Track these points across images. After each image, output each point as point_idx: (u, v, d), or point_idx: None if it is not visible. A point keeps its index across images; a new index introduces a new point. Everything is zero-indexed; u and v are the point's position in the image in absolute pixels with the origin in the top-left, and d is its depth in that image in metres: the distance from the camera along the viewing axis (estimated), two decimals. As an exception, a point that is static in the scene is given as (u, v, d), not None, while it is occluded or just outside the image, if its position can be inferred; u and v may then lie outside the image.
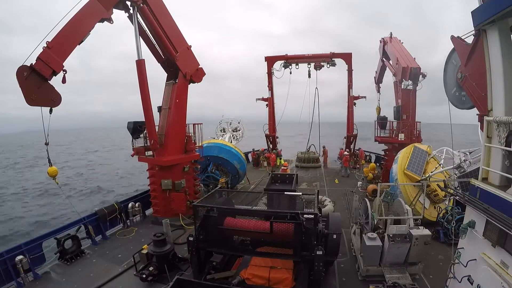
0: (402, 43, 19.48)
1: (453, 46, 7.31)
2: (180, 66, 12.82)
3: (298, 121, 28.88)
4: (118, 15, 10.95)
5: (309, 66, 26.46)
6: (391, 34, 20.23)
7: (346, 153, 23.07)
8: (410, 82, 17.38)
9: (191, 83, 13.59)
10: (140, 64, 11.37)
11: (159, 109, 13.64)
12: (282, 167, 20.83)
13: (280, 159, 26.55)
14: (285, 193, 9.21)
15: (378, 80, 23.32)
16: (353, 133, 25.18)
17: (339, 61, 25.73)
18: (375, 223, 9.02)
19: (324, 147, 27.43)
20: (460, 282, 5.98)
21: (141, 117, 12.24)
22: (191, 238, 7.85)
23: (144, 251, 9.49)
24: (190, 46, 13.23)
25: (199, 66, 13.66)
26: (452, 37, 7.12)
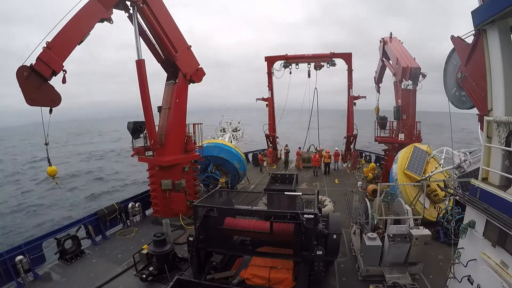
0: (402, 43, 19.49)
1: (453, 46, 7.32)
2: (180, 66, 12.82)
3: (300, 109, 28.78)
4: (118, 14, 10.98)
5: (309, 66, 26.45)
6: (391, 34, 20.23)
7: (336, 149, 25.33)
8: (410, 82, 17.39)
9: (191, 83, 13.60)
10: (140, 64, 11.37)
11: (159, 109, 13.65)
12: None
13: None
14: (285, 193, 9.22)
15: (378, 80, 23.30)
16: (353, 133, 25.16)
17: (339, 62, 25.71)
18: (375, 223, 9.02)
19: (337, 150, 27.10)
20: (460, 282, 5.98)
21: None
22: (191, 238, 7.86)
23: (144, 251, 9.50)
24: (190, 46, 13.23)
25: (199, 66, 13.66)
26: (452, 37, 7.12)
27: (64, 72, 9.16)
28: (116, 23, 10.57)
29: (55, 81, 9.15)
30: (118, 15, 10.71)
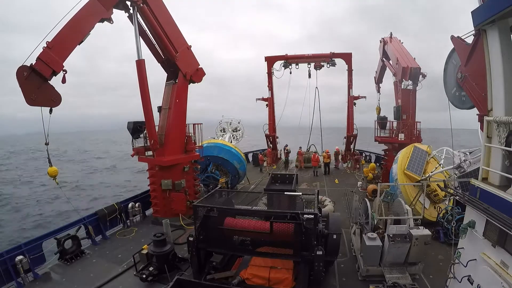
0: (402, 43, 19.49)
1: (453, 46, 7.32)
2: (180, 66, 12.82)
3: (298, 124, 28.95)
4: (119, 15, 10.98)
5: (309, 66, 26.49)
6: (391, 34, 20.24)
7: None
8: (410, 82, 17.40)
9: (191, 83, 13.60)
10: (140, 64, 11.37)
11: (159, 109, 13.65)
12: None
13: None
14: (285, 193, 9.22)
15: (378, 80, 23.34)
16: (353, 133, 25.17)
17: (339, 62, 25.73)
18: (375, 223, 9.02)
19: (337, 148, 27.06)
20: (460, 282, 5.98)
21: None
22: (191, 238, 7.86)
23: (144, 251, 9.50)
24: (190, 46, 13.23)
25: (199, 66, 13.67)
26: (452, 37, 7.12)
27: (64, 72, 9.16)
28: (117, 33, 10.58)
29: (55, 82, 9.17)
30: (119, 28, 10.71)
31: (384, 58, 21.00)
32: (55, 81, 9.12)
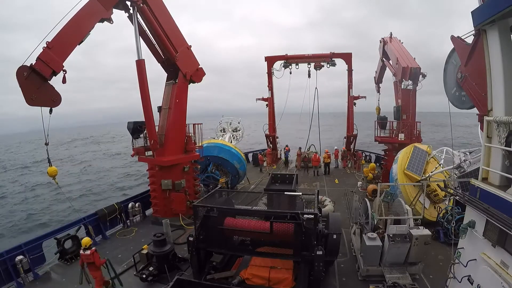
0: (402, 43, 19.48)
1: (453, 46, 7.32)
2: (180, 66, 12.81)
3: (300, 113, 28.83)
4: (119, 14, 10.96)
5: (309, 66, 26.45)
6: (391, 34, 20.23)
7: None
8: (410, 82, 17.39)
9: (191, 83, 13.60)
10: (140, 64, 11.37)
11: (159, 109, 13.65)
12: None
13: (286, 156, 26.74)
14: (285, 193, 9.22)
15: (378, 80, 23.31)
16: (353, 133, 25.16)
17: (339, 64, 25.71)
18: (375, 223, 9.02)
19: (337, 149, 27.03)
20: (460, 282, 5.98)
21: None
22: (191, 238, 7.86)
23: (144, 251, 9.51)
24: (190, 46, 13.23)
25: (199, 66, 13.67)
26: (452, 37, 7.13)
27: (64, 72, 9.15)
28: (116, 29, 10.55)
29: (55, 82, 9.15)
30: (118, 22, 10.71)
31: (384, 58, 20.99)
32: (55, 81, 9.12)
